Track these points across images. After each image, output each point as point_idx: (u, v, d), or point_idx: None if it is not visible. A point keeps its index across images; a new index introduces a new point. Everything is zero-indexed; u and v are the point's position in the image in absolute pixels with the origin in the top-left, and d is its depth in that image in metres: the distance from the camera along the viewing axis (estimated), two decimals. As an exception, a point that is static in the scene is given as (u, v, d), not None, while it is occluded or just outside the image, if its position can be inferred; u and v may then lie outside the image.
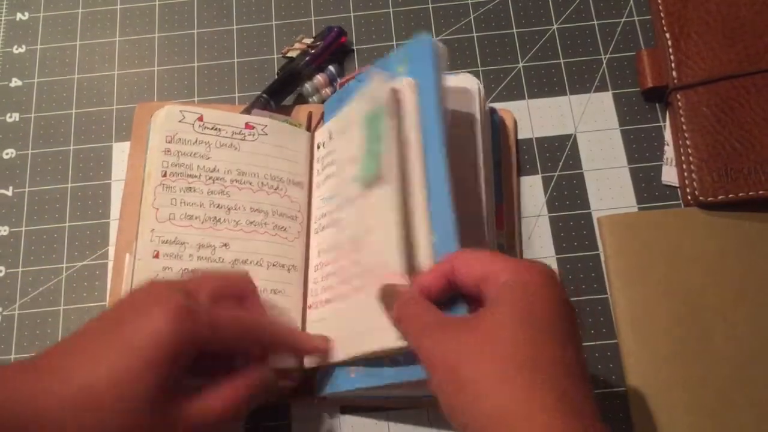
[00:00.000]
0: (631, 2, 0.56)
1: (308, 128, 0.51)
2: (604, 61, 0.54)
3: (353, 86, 0.48)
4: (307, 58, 0.53)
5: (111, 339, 0.35)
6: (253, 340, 0.39)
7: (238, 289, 0.40)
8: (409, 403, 0.45)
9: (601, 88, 0.53)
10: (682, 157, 0.50)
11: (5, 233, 0.51)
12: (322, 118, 0.51)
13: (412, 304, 0.35)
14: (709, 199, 0.48)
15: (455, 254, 0.35)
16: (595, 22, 0.55)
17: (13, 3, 0.57)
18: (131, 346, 0.34)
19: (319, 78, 0.52)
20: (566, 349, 0.30)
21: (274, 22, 0.56)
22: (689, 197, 0.49)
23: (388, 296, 0.36)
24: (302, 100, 0.53)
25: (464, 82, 0.49)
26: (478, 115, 0.47)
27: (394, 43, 0.55)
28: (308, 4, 0.57)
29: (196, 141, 0.47)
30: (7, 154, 0.53)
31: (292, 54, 0.53)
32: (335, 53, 0.54)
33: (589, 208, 0.50)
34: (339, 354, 0.41)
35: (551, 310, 0.31)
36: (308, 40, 0.53)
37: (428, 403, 0.45)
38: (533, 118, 0.53)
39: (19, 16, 0.57)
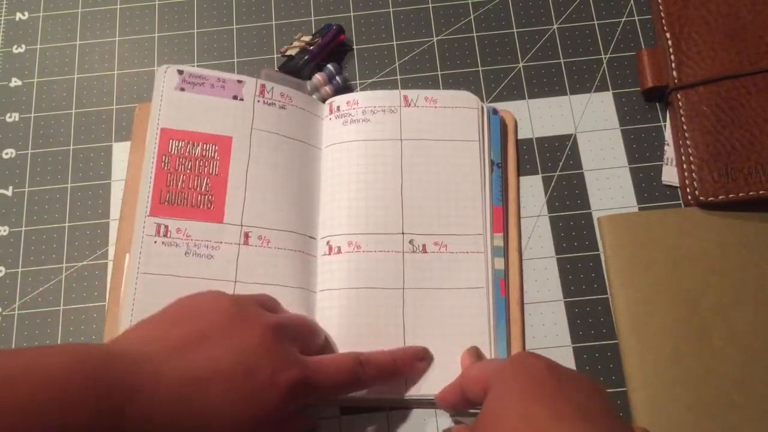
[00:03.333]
0: (632, 2, 0.56)
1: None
2: (604, 61, 0.54)
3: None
4: (306, 57, 0.53)
5: (235, 375, 0.37)
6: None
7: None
8: (409, 403, 0.45)
9: (601, 88, 0.53)
10: (683, 157, 0.50)
11: (5, 233, 0.51)
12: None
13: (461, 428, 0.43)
14: (710, 199, 0.48)
15: (464, 373, 0.42)
16: (596, 22, 0.55)
17: (13, 3, 0.57)
18: (251, 399, 0.37)
19: (318, 77, 0.52)
20: (553, 401, 0.34)
21: (273, 22, 0.56)
22: (689, 197, 0.49)
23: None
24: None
25: (465, 101, 0.49)
26: (479, 136, 0.49)
27: (394, 43, 0.55)
28: (308, 4, 0.57)
29: None
30: (6, 154, 0.53)
31: (291, 52, 0.53)
32: (334, 52, 0.54)
33: (589, 208, 0.50)
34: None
35: (528, 383, 0.35)
36: (307, 38, 0.53)
37: (428, 404, 0.45)
38: (533, 118, 0.53)
39: (19, 16, 0.57)
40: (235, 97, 0.49)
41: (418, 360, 0.45)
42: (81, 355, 0.33)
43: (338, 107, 0.50)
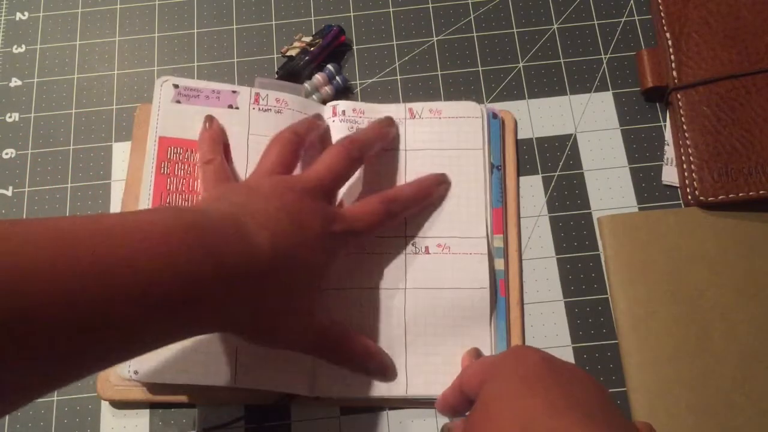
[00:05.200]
0: (631, 2, 0.56)
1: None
2: (604, 61, 0.54)
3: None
4: (307, 57, 0.53)
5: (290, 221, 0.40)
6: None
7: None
8: (409, 403, 0.45)
9: (601, 88, 0.53)
10: (683, 157, 0.50)
11: (5, 233, 0.51)
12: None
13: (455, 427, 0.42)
14: (710, 199, 0.48)
15: (462, 371, 0.42)
16: (596, 22, 0.55)
17: (13, 3, 0.57)
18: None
19: (318, 77, 0.52)
20: (548, 393, 0.33)
21: (273, 22, 0.56)
22: (689, 197, 0.49)
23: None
24: (302, 100, 0.53)
25: (469, 111, 0.49)
26: (483, 144, 0.49)
27: (394, 43, 0.55)
28: (308, 4, 0.57)
29: None
30: (6, 154, 0.53)
31: (292, 53, 0.53)
32: (334, 52, 0.54)
33: (589, 208, 0.50)
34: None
35: (522, 375, 0.35)
36: (307, 39, 0.54)
37: (428, 404, 0.45)
38: (533, 118, 0.53)
39: (19, 15, 0.57)
40: (230, 107, 0.49)
41: (438, 184, 0.48)
42: (178, 212, 0.36)
43: (343, 111, 0.50)
